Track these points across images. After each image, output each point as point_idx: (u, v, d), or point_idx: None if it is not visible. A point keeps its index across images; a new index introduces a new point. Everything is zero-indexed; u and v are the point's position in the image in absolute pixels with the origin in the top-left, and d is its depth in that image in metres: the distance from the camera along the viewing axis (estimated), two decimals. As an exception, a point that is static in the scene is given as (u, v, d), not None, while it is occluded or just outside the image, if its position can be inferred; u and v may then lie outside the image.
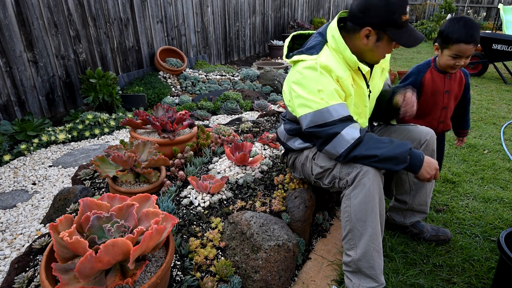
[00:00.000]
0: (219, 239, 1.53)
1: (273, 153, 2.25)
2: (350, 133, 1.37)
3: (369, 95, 1.58)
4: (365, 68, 1.46)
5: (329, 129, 1.39)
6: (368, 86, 1.56)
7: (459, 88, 1.90)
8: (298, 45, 1.66)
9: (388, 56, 1.63)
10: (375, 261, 1.37)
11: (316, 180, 1.60)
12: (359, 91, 1.52)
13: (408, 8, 1.38)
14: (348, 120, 1.40)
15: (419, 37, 1.41)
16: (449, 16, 10.26)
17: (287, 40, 1.68)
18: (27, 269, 1.40)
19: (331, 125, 1.39)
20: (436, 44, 1.81)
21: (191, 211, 1.68)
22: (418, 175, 1.37)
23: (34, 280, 1.34)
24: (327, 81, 1.42)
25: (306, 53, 1.50)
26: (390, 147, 1.33)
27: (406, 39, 1.39)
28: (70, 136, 3.01)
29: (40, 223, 1.87)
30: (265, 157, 2.15)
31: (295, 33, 1.70)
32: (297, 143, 1.68)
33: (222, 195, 1.79)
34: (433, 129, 1.76)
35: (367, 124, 1.64)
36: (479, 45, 5.71)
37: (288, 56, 1.60)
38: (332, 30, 1.48)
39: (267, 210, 1.72)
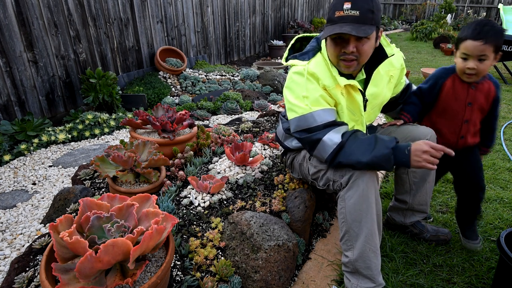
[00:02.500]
0: (219, 239, 1.53)
1: (273, 153, 2.25)
2: (332, 138, 1.38)
3: (365, 104, 1.56)
4: (340, 82, 1.43)
5: (313, 136, 1.41)
6: (364, 94, 1.53)
7: (486, 101, 1.64)
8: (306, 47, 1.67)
9: (396, 62, 1.60)
10: (371, 262, 1.37)
11: (312, 180, 1.61)
12: (351, 99, 1.50)
13: (348, 5, 1.30)
14: (332, 125, 1.41)
15: (340, 29, 1.30)
16: (449, 16, 10.26)
17: (291, 43, 1.69)
18: (27, 269, 1.40)
19: (315, 130, 1.41)
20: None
21: (191, 211, 1.68)
22: (412, 167, 1.33)
23: (34, 280, 1.34)
24: (313, 87, 1.44)
25: (299, 58, 1.53)
26: (373, 151, 1.31)
27: (325, 32, 1.36)
28: (70, 136, 3.01)
29: (40, 223, 1.87)
30: (265, 157, 2.15)
31: (300, 35, 1.71)
32: (294, 143, 1.69)
33: (222, 195, 1.79)
34: (450, 144, 1.64)
35: (364, 131, 1.61)
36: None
37: (287, 59, 1.61)
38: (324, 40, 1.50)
39: (267, 210, 1.72)
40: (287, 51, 1.67)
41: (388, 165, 1.30)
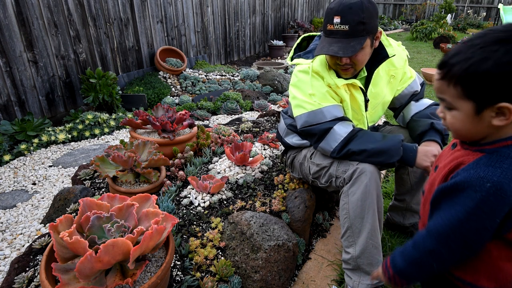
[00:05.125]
0: (219, 239, 1.53)
1: (273, 153, 2.25)
2: (343, 128, 1.42)
3: (366, 103, 1.57)
4: (338, 83, 1.46)
5: (322, 125, 1.44)
6: (365, 94, 1.55)
7: (443, 177, 0.82)
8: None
9: (398, 62, 1.58)
10: (374, 258, 1.37)
11: (313, 180, 1.61)
12: (353, 98, 1.53)
13: (338, 19, 1.31)
14: (341, 120, 1.45)
15: (328, 50, 1.34)
16: (449, 16, 10.25)
17: (296, 42, 1.71)
18: (27, 269, 1.40)
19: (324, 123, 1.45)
20: None
21: (191, 211, 1.68)
22: (416, 165, 1.36)
23: (34, 280, 1.34)
24: (319, 84, 1.48)
25: (303, 57, 1.57)
26: (383, 141, 1.35)
27: (318, 48, 1.41)
28: (70, 136, 3.01)
29: (40, 223, 1.87)
30: (265, 157, 2.15)
31: (307, 34, 1.73)
32: (295, 139, 1.70)
33: (222, 195, 1.79)
34: None
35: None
36: None
37: (292, 59, 1.64)
38: None
39: (267, 210, 1.72)
40: (292, 50, 1.69)
41: (395, 156, 1.32)
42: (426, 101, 1.66)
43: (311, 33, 1.72)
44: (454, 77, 0.72)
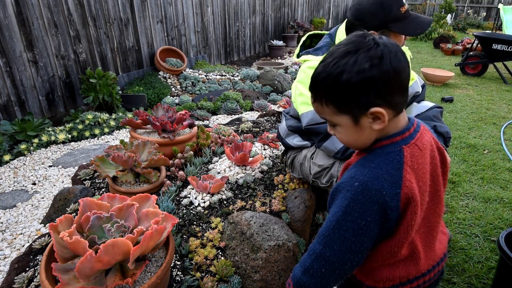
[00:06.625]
0: (219, 239, 1.53)
1: (273, 153, 2.25)
2: None
3: None
4: None
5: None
6: None
7: None
8: (316, 44, 1.70)
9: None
10: None
11: (314, 180, 1.61)
12: None
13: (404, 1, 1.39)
14: None
15: (426, 22, 1.42)
16: (449, 16, 10.25)
17: (302, 40, 1.72)
18: (27, 269, 1.40)
19: None
20: None
21: (191, 211, 1.68)
22: None
23: (34, 280, 1.34)
24: None
25: (312, 54, 1.57)
26: None
27: (412, 29, 1.40)
28: (70, 136, 3.01)
29: (40, 223, 1.87)
30: (265, 157, 2.15)
31: (312, 32, 1.73)
32: (295, 140, 1.69)
33: (222, 195, 1.79)
34: None
35: None
36: (479, 45, 5.70)
37: (298, 56, 1.64)
38: (340, 33, 1.51)
39: (267, 210, 1.72)
40: (298, 48, 1.71)
41: None
42: (427, 103, 1.67)
43: (316, 31, 1.73)
44: (323, 97, 0.76)
